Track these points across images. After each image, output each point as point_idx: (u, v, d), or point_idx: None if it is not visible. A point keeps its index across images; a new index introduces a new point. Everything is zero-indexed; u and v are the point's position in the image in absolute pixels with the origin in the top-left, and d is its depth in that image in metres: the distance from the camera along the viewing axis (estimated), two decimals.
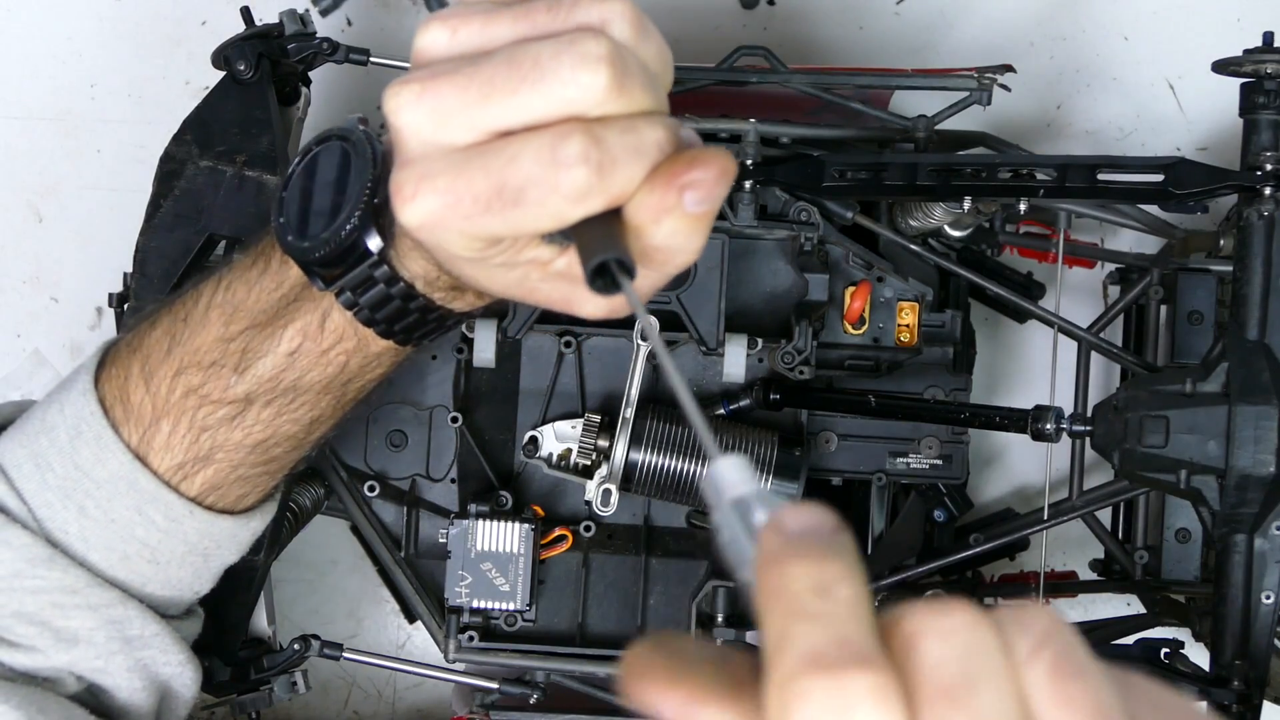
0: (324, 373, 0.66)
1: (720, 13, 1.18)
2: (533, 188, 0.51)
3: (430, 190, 0.52)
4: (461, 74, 0.52)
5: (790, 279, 0.93)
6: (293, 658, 0.91)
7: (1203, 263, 0.99)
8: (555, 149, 0.50)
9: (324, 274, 0.62)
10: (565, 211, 0.51)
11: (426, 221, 0.53)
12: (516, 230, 0.53)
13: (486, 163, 0.51)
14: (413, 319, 0.64)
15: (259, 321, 0.66)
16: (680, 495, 0.89)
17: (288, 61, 0.90)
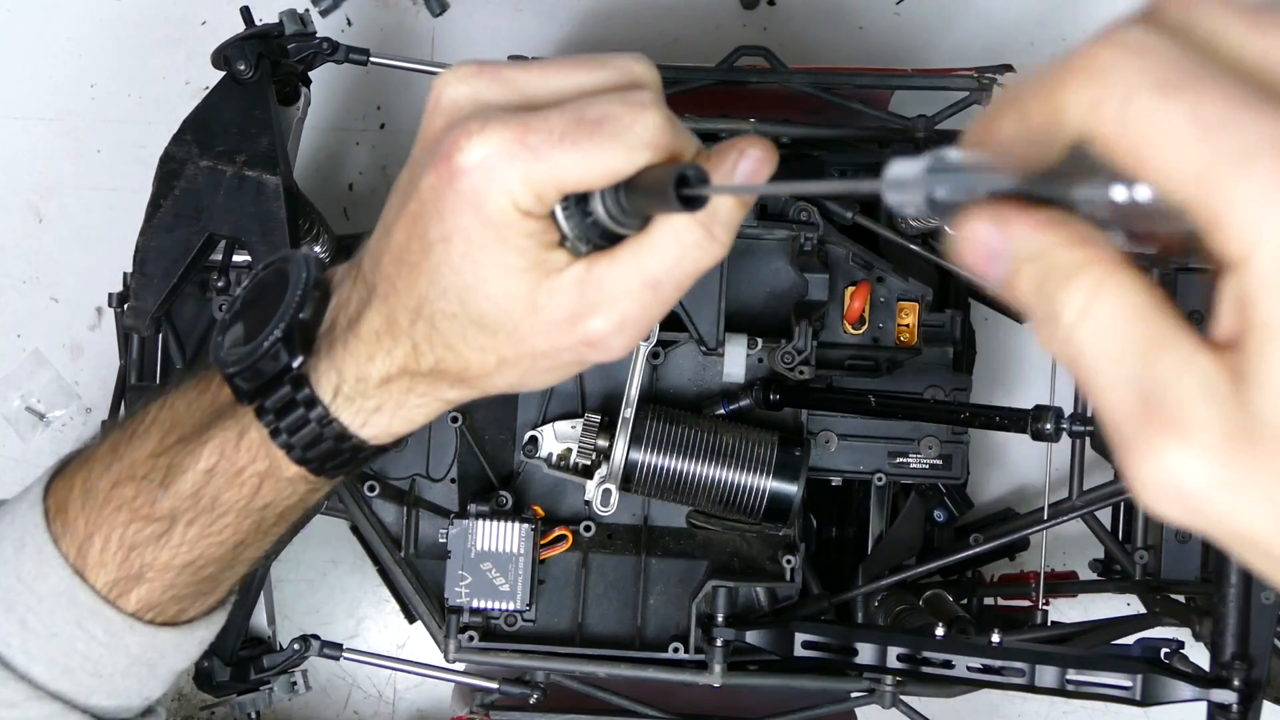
0: (239, 493, 0.66)
1: (720, 13, 1.18)
2: (611, 121, 0.52)
3: (500, 124, 0.52)
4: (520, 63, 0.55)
5: (790, 279, 0.93)
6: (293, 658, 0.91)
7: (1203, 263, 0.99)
8: (628, 95, 0.52)
9: (247, 390, 0.63)
10: (638, 150, 0.52)
11: (494, 154, 0.52)
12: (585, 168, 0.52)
13: (563, 105, 0.52)
14: (326, 446, 0.64)
15: (186, 436, 0.67)
16: (680, 495, 0.89)
17: (288, 61, 0.90)
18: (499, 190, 0.53)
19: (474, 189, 0.53)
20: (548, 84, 0.54)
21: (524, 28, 1.18)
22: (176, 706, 1.19)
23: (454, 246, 0.55)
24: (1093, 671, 0.83)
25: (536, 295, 0.55)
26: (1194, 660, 0.87)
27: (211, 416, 0.66)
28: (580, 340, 0.56)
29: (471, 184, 0.53)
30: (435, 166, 0.53)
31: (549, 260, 0.55)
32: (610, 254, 0.55)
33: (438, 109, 0.55)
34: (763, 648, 0.89)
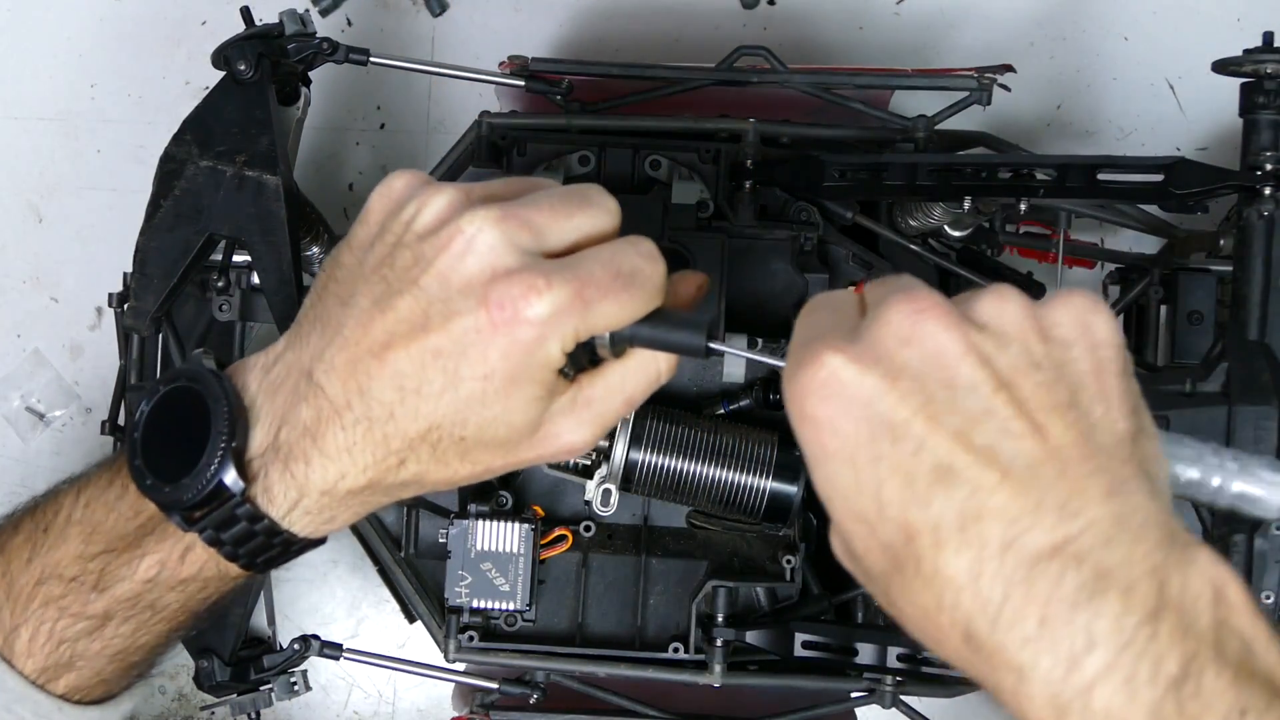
0: (181, 594, 0.68)
1: (720, 13, 1.18)
2: (638, 273, 0.60)
3: (563, 280, 0.58)
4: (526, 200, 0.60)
5: (790, 279, 0.93)
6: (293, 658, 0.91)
7: (1203, 263, 0.99)
8: (636, 247, 0.60)
9: (186, 515, 0.64)
10: (654, 296, 0.61)
11: (559, 308, 0.58)
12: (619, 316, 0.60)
13: (595, 258, 0.59)
14: (274, 552, 0.66)
15: (116, 547, 0.67)
16: (680, 495, 0.89)
17: (288, 61, 0.90)
18: (556, 340, 0.59)
19: (536, 339, 0.58)
20: (561, 230, 0.60)
21: (524, 27, 1.18)
22: (176, 706, 1.19)
23: (493, 383, 0.59)
24: None
25: (543, 418, 0.62)
26: None
27: (142, 530, 0.67)
28: (562, 450, 0.63)
29: (535, 335, 0.58)
30: (489, 313, 0.57)
31: (556, 387, 0.61)
32: (598, 377, 0.63)
33: (472, 251, 0.58)
34: (763, 648, 0.89)
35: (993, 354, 0.51)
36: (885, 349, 0.51)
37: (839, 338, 0.53)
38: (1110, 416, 0.51)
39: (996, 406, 0.50)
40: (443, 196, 0.60)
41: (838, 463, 0.52)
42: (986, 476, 0.49)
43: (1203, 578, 0.47)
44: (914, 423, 0.50)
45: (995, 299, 0.53)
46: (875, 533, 0.52)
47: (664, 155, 0.92)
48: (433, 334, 0.58)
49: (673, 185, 0.91)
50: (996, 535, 0.48)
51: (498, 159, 0.93)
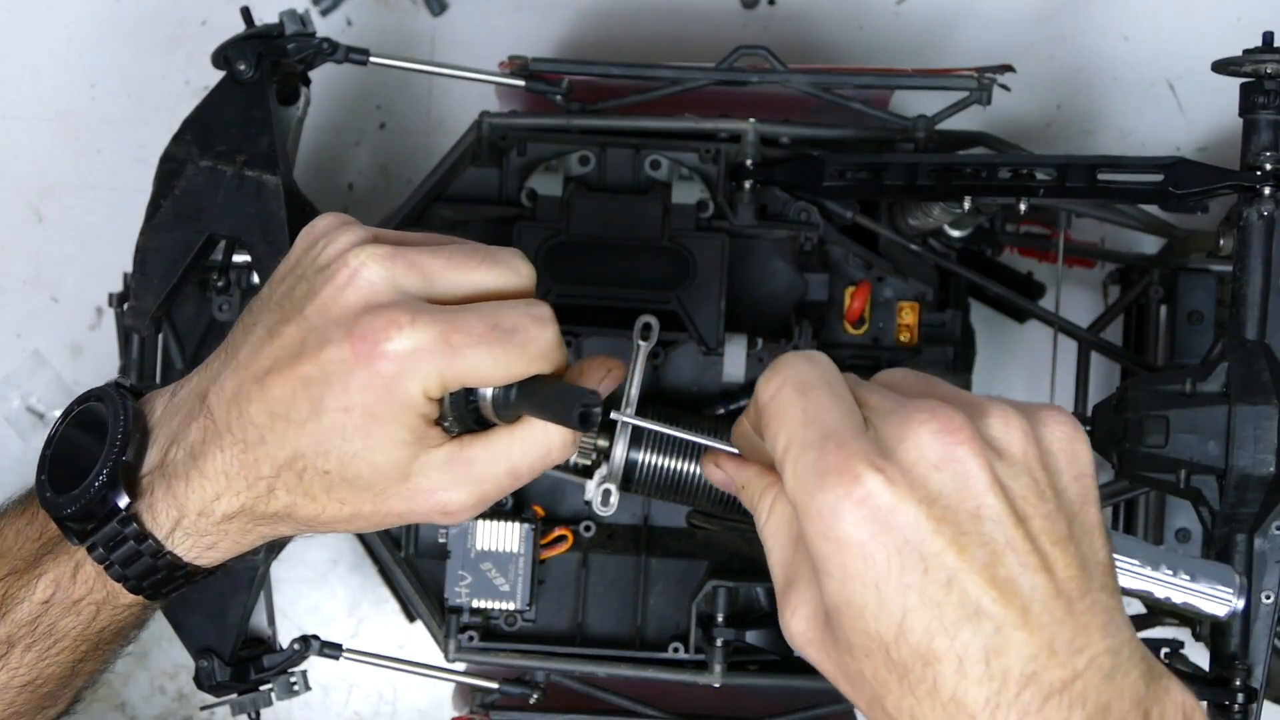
0: (77, 620, 0.69)
1: (720, 13, 1.18)
2: (520, 331, 0.60)
3: (429, 320, 0.58)
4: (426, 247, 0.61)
5: (790, 279, 0.93)
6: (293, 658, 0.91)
7: (1203, 263, 0.99)
8: (532, 307, 0.61)
9: (77, 529, 0.65)
10: (538, 359, 0.60)
11: (420, 348, 0.58)
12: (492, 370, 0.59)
13: (480, 309, 0.60)
14: (160, 575, 0.66)
15: (19, 568, 0.68)
16: (680, 495, 0.89)
17: (288, 61, 0.90)
18: (417, 380, 0.59)
19: (394, 375, 0.58)
20: (454, 279, 0.61)
21: (523, 27, 1.18)
22: (176, 706, 1.19)
23: (353, 418, 0.60)
24: None
25: (411, 466, 0.62)
26: (1194, 660, 0.87)
27: (41, 549, 0.68)
28: (436, 509, 0.63)
29: (393, 370, 0.58)
30: (352, 344, 0.58)
31: (428, 435, 0.61)
32: (482, 439, 0.63)
33: (353, 285, 0.59)
34: (763, 648, 0.89)
35: (1010, 483, 0.52)
36: (920, 474, 0.51)
37: (868, 449, 0.52)
38: (1094, 546, 0.53)
39: (1016, 540, 0.51)
40: (348, 234, 0.62)
41: (860, 584, 0.52)
42: (1010, 614, 0.50)
43: (1176, 706, 0.52)
44: (946, 556, 0.51)
45: (1002, 420, 0.53)
46: (889, 651, 0.52)
47: (664, 155, 0.92)
48: (304, 362, 0.60)
49: (673, 185, 0.91)
50: (1017, 671, 0.50)
51: (498, 159, 0.93)
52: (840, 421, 0.53)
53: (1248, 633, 0.81)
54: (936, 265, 0.97)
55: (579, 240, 0.91)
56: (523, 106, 1.00)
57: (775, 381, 0.56)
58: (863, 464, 0.51)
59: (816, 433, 0.53)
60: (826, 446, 0.52)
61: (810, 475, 0.52)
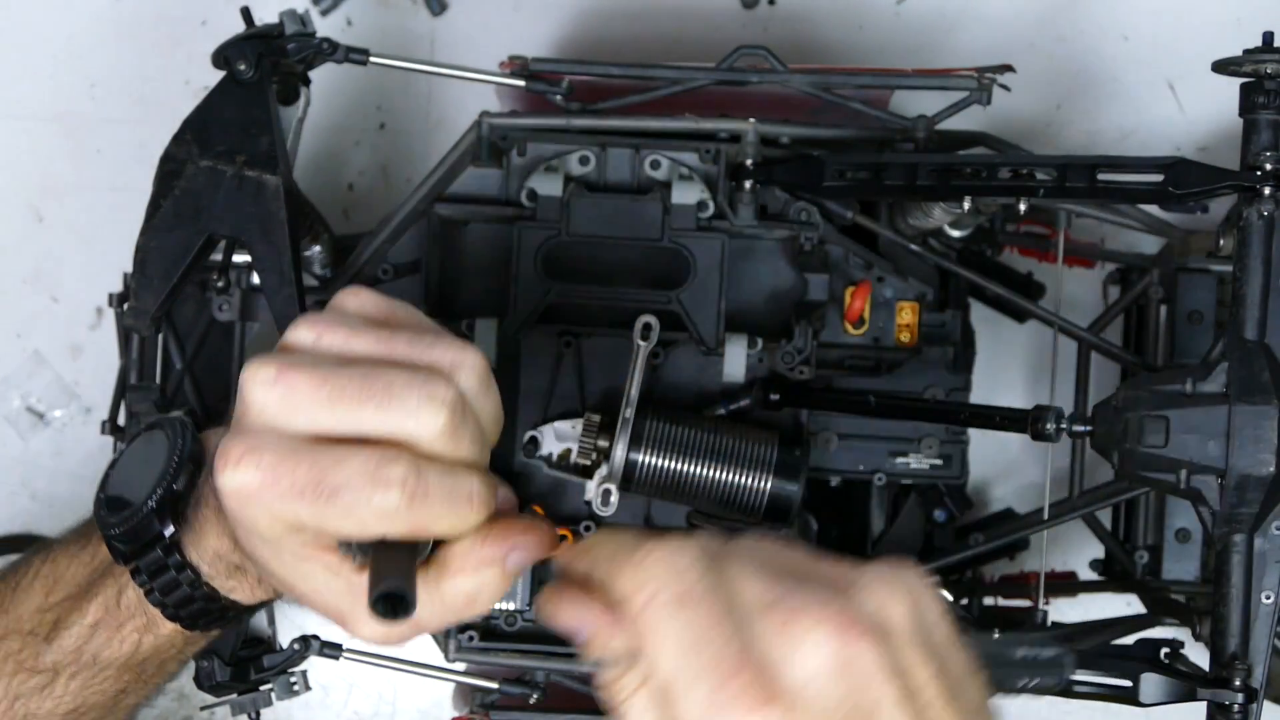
0: (120, 649, 0.71)
1: (720, 13, 1.18)
2: (347, 492, 0.56)
3: (254, 464, 0.57)
4: (319, 373, 0.57)
5: (790, 279, 0.93)
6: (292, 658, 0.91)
7: (1203, 263, 0.99)
8: (379, 465, 0.56)
9: (124, 551, 0.67)
10: (369, 524, 0.56)
11: (242, 489, 0.57)
12: (321, 525, 0.57)
13: (315, 457, 0.56)
14: (197, 606, 0.68)
15: (72, 594, 0.71)
16: (680, 495, 0.89)
17: (288, 61, 0.90)
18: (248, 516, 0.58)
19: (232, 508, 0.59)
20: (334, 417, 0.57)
21: (524, 27, 1.18)
22: (176, 706, 1.19)
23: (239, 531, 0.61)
24: (1092, 671, 0.83)
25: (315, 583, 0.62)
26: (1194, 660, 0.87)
27: (94, 574, 0.70)
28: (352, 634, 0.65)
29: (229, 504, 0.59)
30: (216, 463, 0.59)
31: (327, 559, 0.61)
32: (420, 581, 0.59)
33: (240, 398, 0.59)
34: None
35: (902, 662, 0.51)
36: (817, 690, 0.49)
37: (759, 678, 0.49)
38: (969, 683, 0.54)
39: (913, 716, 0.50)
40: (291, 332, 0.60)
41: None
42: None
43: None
44: None
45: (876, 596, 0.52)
46: None
47: (664, 155, 0.92)
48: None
49: (673, 185, 0.91)
50: None
51: (498, 159, 0.93)
52: (724, 647, 0.49)
53: (1248, 633, 0.81)
54: (936, 265, 0.97)
55: (579, 240, 0.91)
56: (523, 106, 1.00)
57: (648, 590, 0.51)
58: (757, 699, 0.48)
59: (702, 663, 0.49)
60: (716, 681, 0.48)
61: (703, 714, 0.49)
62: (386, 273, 0.94)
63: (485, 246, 0.94)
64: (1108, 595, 1.09)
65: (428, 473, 0.57)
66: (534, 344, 0.92)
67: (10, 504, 1.19)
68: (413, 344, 0.59)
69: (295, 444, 0.57)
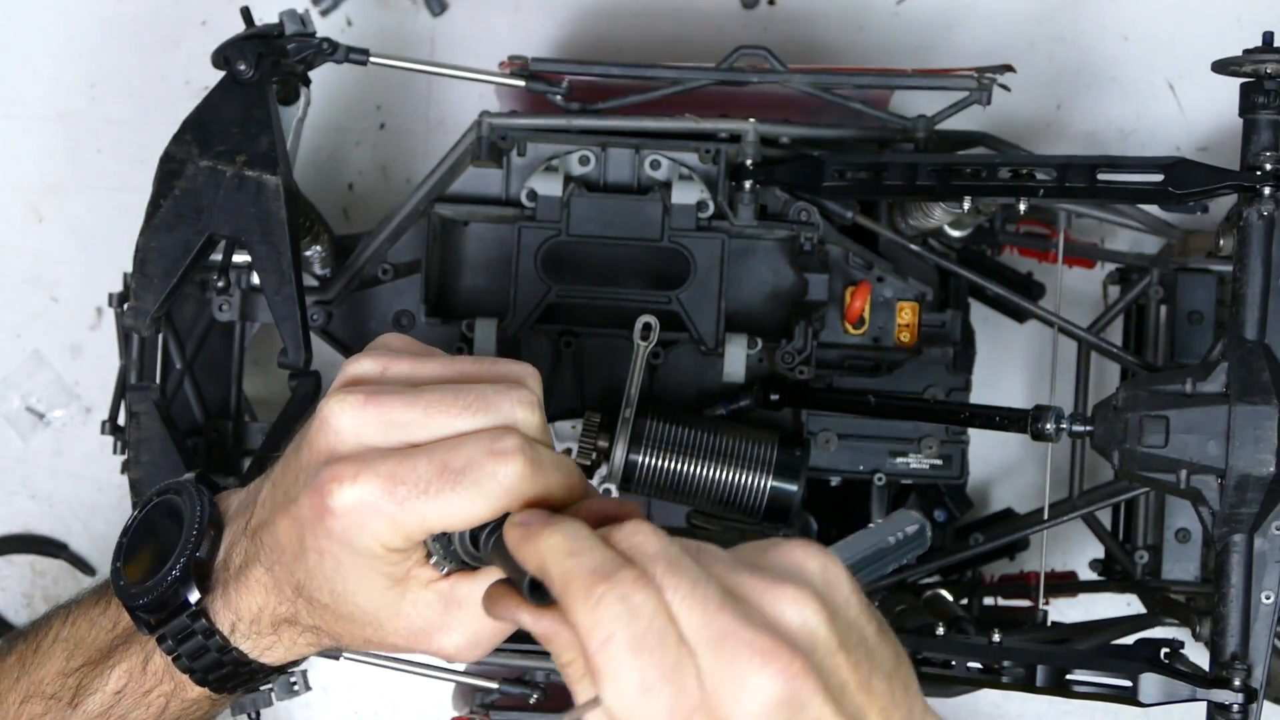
0: (146, 714, 0.70)
1: (720, 13, 1.18)
2: (473, 470, 0.56)
3: (372, 473, 0.57)
4: (408, 393, 0.59)
5: (790, 279, 0.93)
6: None
7: (1203, 263, 0.99)
8: (494, 440, 0.57)
9: (148, 620, 0.67)
10: (499, 497, 0.56)
11: (363, 502, 0.57)
12: (449, 515, 0.57)
13: (430, 450, 0.57)
14: (226, 670, 0.68)
15: (93, 659, 0.70)
16: (680, 495, 0.89)
17: (288, 61, 0.90)
18: (368, 534, 0.58)
19: (344, 529, 0.58)
20: (430, 429, 0.58)
21: (524, 27, 1.18)
22: None
23: (326, 561, 0.61)
24: (1092, 671, 0.83)
25: (401, 604, 0.62)
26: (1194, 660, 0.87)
27: (116, 640, 0.70)
28: (431, 650, 0.63)
29: (342, 525, 0.58)
30: (310, 496, 0.59)
31: (417, 576, 0.61)
32: (472, 579, 0.62)
33: (324, 429, 0.59)
34: None
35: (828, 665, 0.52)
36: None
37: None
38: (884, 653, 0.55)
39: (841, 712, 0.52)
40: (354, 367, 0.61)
41: None
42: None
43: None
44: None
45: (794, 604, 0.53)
46: None
47: (664, 155, 0.92)
48: (292, 504, 0.61)
49: (673, 185, 0.91)
50: None
51: (498, 159, 0.93)
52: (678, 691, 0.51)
53: (1248, 633, 0.81)
54: (936, 265, 0.97)
55: (579, 240, 0.91)
56: (523, 106, 1.00)
57: (603, 631, 0.51)
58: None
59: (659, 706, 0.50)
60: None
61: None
62: (386, 273, 0.95)
63: (485, 246, 0.94)
64: (1108, 595, 1.09)
65: (536, 444, 0.58)
66: (534, 344, 0.92)
67: (10, 504, 1.19)
68: (479, 364, 0.61)
69: (404, 451, 0.58)
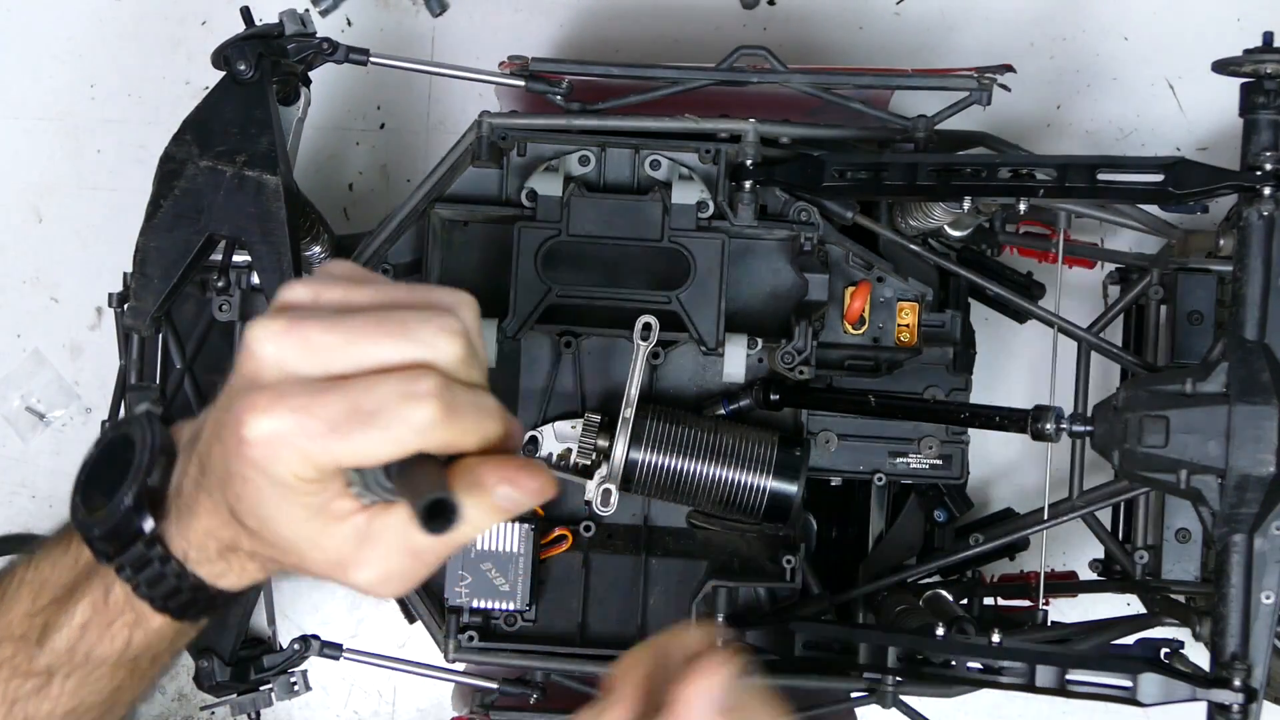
0: (112, 646, 0.70)
1: (720, 13, 1.18)
2: (384, 413, 0.56)
3: (285, 407, 0.57)
4: (329, 320, 0.58)
5: (790, 279, 0.93)
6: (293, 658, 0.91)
7: (1203, 263, 0.99)
8: (410, 382, 0.57)
9: (106, 549, 0.67)
10: (408, 440, 0.56)
11: (274, 434, 0.57)
12: (358, 454, 0.57)
13: (344, 389, 0.57)
14: (185, 597, 0.68)
15: (59, 596, 0.70)
16: (680, 495, 0.89)
17: (288, 61, 0.90)
18: (282, 465, 0.58)
19: (259, 459, 0.58)
20: (351, 357, 0.57)
21: (524, 27, 1.18)
22: (176, 706, 1.19)
23: (249, 489, 0.60)
24: (1093, 671, 0.83)
25: (320, 536, 0.61)
26: (1194, 660, 0.87)
27: (79, 577, 0.70)
28: (349, 583, 0.62)
29: (256, 454, 0.58)
30: (228, 425, 0.59)
31: (335, 507, 0.60)
32: (387, 513, 0.61)
33: (248, 355, 0.59)
34: (763, 648, 0.89)
35: None
36: None
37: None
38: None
39: None
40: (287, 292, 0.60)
41: None
42: None
43: None
44: None
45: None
46: None
47: (664, 155, 0.92)
48: (221, 429, 0.60)
49: (673, 185, 0.91)
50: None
51: (498, 159, 0.93)
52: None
53: (1248, 633, 0.81)
54: (936, 265, 0.97)
55: (579, 240, 0.91)
56: (523, 106, 1.00)
57: None
58: None
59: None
60: None
61: None
62: (387, 272, 0.95)
63: (485, 246, 0.94)
64: (1108, 595, 1.09)
65: (455, 387, 0.58)
66: (533, 345, 0.92)
67: (10, 504, 1.19)
68: (411, 291, 0.61)
69: (320, 383, 0.57)
